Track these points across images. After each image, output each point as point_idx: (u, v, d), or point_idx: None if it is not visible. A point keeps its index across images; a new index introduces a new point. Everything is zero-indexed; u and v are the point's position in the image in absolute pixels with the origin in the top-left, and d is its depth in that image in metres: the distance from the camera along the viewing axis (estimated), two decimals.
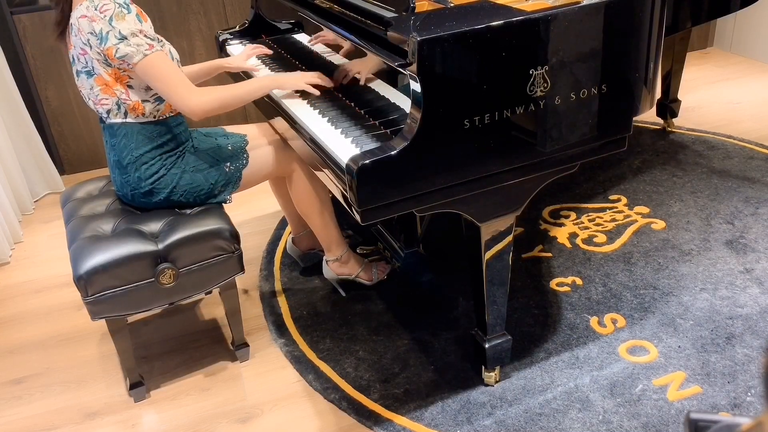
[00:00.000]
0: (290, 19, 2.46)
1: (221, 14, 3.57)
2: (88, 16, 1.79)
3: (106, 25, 1.78)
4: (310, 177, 2.14)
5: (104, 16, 1.78)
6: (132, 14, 1.80)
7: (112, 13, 1.78)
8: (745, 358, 1.98)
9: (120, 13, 1.78)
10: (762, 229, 2.57)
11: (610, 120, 1.71)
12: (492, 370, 1.95)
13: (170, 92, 1.83)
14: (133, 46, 1.78)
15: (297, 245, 2.55)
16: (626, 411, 1.84)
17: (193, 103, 1.83)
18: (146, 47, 1.79)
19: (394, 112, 1.78)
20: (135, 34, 1.78)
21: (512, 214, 1.76)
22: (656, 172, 3.03)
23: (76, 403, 2.09)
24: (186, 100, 1.83)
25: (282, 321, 2.32)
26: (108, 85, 1.87)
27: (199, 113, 1.85)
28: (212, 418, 1.98)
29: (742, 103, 3.69)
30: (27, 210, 3.24)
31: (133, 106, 1.90)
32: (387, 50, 1.63)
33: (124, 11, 1.79)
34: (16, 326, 2.47)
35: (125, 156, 1.95)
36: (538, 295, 2.32)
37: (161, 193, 1.99)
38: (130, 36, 1.78)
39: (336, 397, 1.98)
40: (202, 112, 1.85)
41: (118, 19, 1.77)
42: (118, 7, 1.78)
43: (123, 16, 1.78)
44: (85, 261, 1.84)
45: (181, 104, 1.84)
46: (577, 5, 1.58)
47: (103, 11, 1.78)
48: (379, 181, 1.51)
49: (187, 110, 1.85)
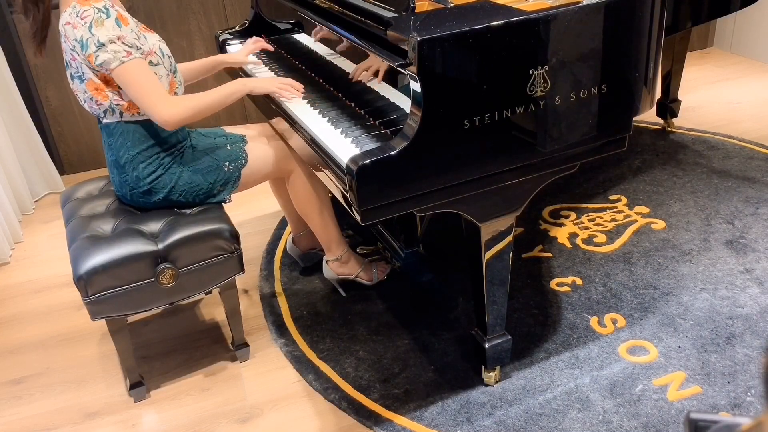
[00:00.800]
0: (290, 19, 2.46)
1: (221, 14, 3.57)
2: (71, 23, 1.79)
3: (86, 32, 1.77)
4: (309, 177, 2.13)
5: (85, 23, 1.77)
6: (111, 19, 1.78)
7: (92, 20, 1.77)
8: (745, 358, 1.98)
9: (99, 18, 1.77)
10: (762, 229, 2.57)
11: (610, 120, 1.71)
12: (492, 370, 1.95)
13: (143, 101, 1.81)
14: (111, 53, 1.77)
15: (297, 245, 2.55)
16: (626, 411, 1.84)
17: (165, 112, 1.81)
18: (123, 54, 1.78)
19: (394, 112, 1.78)
20: (113, 40, 1.77)
21: (512, 214, 1.77)
22: (656, 172, 3.03)
23: (76, 403, 2.09)
24: (157, 109, 1.81)
25: (282, 321, 2.32)
26: (99, 89, 1.87)
27: (171, 123, 1.83)
28: (212, 418, 1.98)
29: (742, 103, 3.69)
30: (27, 210, 3.24)
31: (127, 106, 1.90)
32: (387, 50, 1.63)
33: (103, 16, 1.77)
34: (16, 326, 2.47)
35: (122, 155, 1.95)
36: (538, 295, 2.32)
37: (160, 193, 1.99)
38: (108, 43, 1.77)
39: (336, 397, 1.98)
40: (174, 122, 1.83)
41: (97, 25, 1.76)
42: (97, 13, 1.77)
43: (102, 22, 1.77)
44: (85, 261, 1.84)
45: (153, 113, 1.82)
46: (577, 5, 1.58)
47: (84, 17, 1.77)
48: (379, 181, 1.51)
49: (159, 120, 1.83)
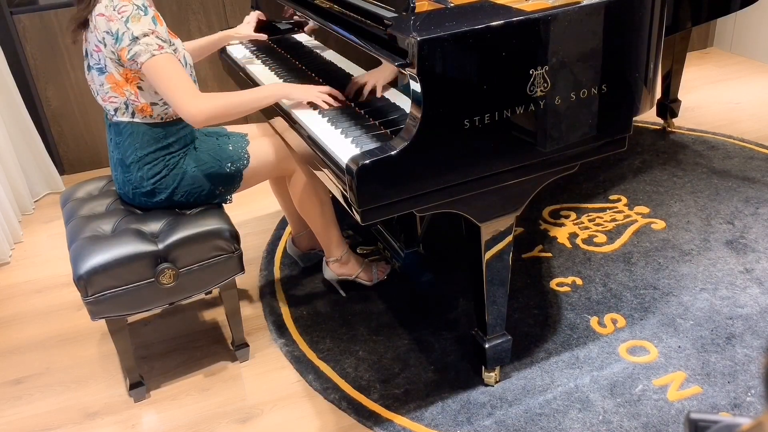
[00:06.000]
0: (290, 19, 2.46)
1: (221, 14, 3.57)
2: (106, 15, 1.79)
3: (122, 26, 1.77)
4: (310, 177, 2.13)
5: (121, 17, 1.78)
6: (148, 16, 1.80)
7: (129, 15, 1.78)
8: (745, 358, 1.98)
9: (137, 14, 1.78)
10: (762, 229, 2.57)
11: (610, 120, 1.71)
12: (492, 370, 1.95)
13: (172, 95, 1.79)
14: (143, 45, 1.77)
15: (297, 245, 2.55)
16: (626, 411, 1.84)
17: (194, 108, 1.79)
18: (156, 47, 1.78)
19: (394, 112, 1.78)
20: (147, 34, 1.78)
21: (512, 214, 1.77)
22: (656, 172, 3.03)
23: (76, 403, 2.09)
24: (187, 105, 1.79)
25: (282, 321, 2.32)
26: (118, 85, 1.87)
27: (199, 120, 1.80)
28: (212, 418, 1.98)
29: (742, 103, 3.69)
30: (27, 210, 3.24)
31: (141, 107, 1.90)
32: (387, 50, 1.63)
33: (141, 13, 1.79)
34: (16, 326, 2.47)
35: (129, 155, 1.95)
36: (538, 295, 2.32)
37: (162, 194, 1.99)
38: (142, 36, 1.77)
39: (336, 397, 1.98)
40: (203, 118, 1.80)
41: (133, 20, 1.77)
42: (136, 9, 1.78)
43: (139, 18, 1.78)
44: (85, 261, 1.84)
45: (182, 109, 1.80)
46: (577, 5, 1.58)
47: (121, 12, 1.78)
48: (379, 181, 1.51)
49: (188, 116, 1.80)
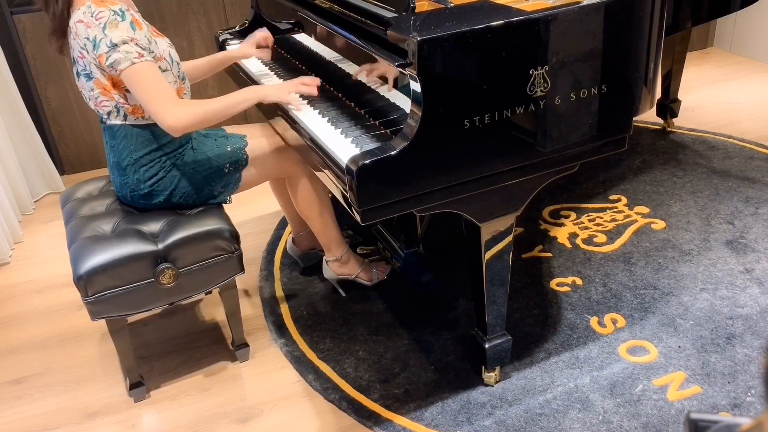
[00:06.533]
0: (290, 19, 2.46)
1: (221, 14, 3.57)
2: (84, 22, 1.78)
3: (99, 32, 1.76)
4: (310, 177, 2.13)
5: (99, 23, 1.76)
6: (126, 22, 1.78)
7: (106, 20, 1.76)
8: (745, 358, 1.98)
9: (114, 20, 1.76)
10: (762, 229, 2.57)
11: (610, 120, 1.70)
12: (492, 370, 1.95)
13: (150, 104, 1.78)
14: (122, 53, 1.76)
15: (297, 245, 2.55)
16: (626, 411, 1.84)
17: (170, 118, 1.77)
18: (135, 55, 1.77)
19: (394, 112, 1.78)
20: (126, 41, 1.76)
21: (512, 214, 1.77)
22: (656, 172, 3.03)
23: (76, 403, 2.09)
24: (164, 114, 1.77)
25: (282, 321, 2.32)
26: (106, 89, 1.86)
27: (177, 128, 1.79)
28: (212, 418, 1.98)
29: (742, 103, 3.69)
30: (27, 210, 3.24)
31: (132, 109, 1.89)
32: (387, 50, 1.63)
33: (118, 18, 1.77)
34: (16, 326, 2.47)
35: (125, 158, 1.94)
36: (538, 295, 2.32)
37: (161, 196, 1.98)
38: (121, 44, 1.76)
39: (336, 397, 1.98)
40: (180, 128, 1.79)
41: (111, 26, 1.76)
42: (113, 15, 1.77)
43: (116, 24, 1.76)
44: (85, 261, 1.84)
45: (160, 118, 1.78)
46: (577, 5, 1.58)
47: (99, 18, 1.77)
48: (379, 181, 1.51)
49: (165, 125, 1.79)
